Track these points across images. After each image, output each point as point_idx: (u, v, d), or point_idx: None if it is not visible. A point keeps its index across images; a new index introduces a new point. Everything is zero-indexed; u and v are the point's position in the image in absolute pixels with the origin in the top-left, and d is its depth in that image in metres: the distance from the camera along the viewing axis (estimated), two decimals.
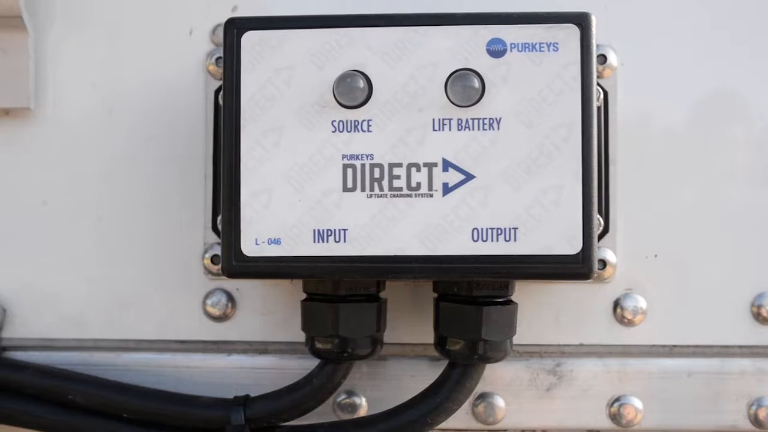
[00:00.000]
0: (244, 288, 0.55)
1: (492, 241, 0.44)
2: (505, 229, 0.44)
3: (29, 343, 0.56)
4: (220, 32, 0.55)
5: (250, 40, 0.45)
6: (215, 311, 0.55)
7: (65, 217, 0.56)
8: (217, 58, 0.55)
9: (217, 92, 0.55)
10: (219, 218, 0.54)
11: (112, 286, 0.56)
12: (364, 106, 0.45)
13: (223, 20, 0.54)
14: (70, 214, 0.56)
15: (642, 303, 0.54)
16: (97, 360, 0.55)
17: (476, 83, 0.44)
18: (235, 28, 0.46)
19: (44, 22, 0.57)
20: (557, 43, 0.45)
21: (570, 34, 0.45)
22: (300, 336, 0.54)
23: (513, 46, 0.45)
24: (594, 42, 0.45)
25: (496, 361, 0.49)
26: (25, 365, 0.53)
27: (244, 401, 0.50)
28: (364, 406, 0.54)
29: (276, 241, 0.45)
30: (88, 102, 0.57)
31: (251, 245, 0.45)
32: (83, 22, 0.57)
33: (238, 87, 0.45)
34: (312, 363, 0.54)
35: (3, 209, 0.57)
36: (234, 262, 0.45)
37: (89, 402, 0.51)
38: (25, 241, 0.56)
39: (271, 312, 0.55)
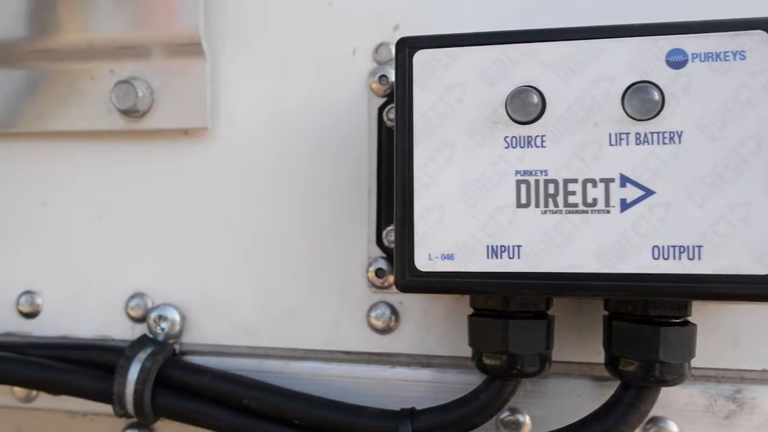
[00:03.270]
0: (407, 301, 0.56)
1: (674, 259, 0.42)
2: (688, 246, 0.42)
3: (205, 349, 0.60)
4: (383, 51, 0.57)
5: (421, 58, 0.46)
6: (379, 324, 0.56)
7: (238, 230, 0.60)
8: (380, 76, 0.56)
9: (380, 109, 0.56)
10: (384, 233, 0.55)
11: (281, 296, 0.59)
12: (538, 122, 0.44)
13: (385, 40, 0.57)
14: (241, 227, 0.60)
15: None
16: (267, 367, 0.58)
17: (656, 96, 0.43)
18: (407, 47, 0.47)
19: (218, 48, 0.60)
20: (744, 51, 0.43)
21: (759, 41, 0.42)
22: (462, 350, 0.55)
23: (695, 56, 0.43)
24: None
25: (673, 384, 0.47)
26: (205, 369, 0.56)
27: (410, 414, 0.51)
28: (528, 424, 0.53)
29: (449, 257, 0.45)
30: (258, 121, 0.60)
31: (425, 260, 0.45)
32: (252, 46, 0.60)
33: (410, 105, 0.46)
34: (474, 378, 0.54)
35: (184, 223, 0.60)
36: (408, 277, 0.46)
37: (263, 407, 0.54)
38: (202, 253, 0.60)
39: (433, 326, 0.56)
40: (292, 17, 0.59)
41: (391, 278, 0.56)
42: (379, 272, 0.56)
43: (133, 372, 0.55)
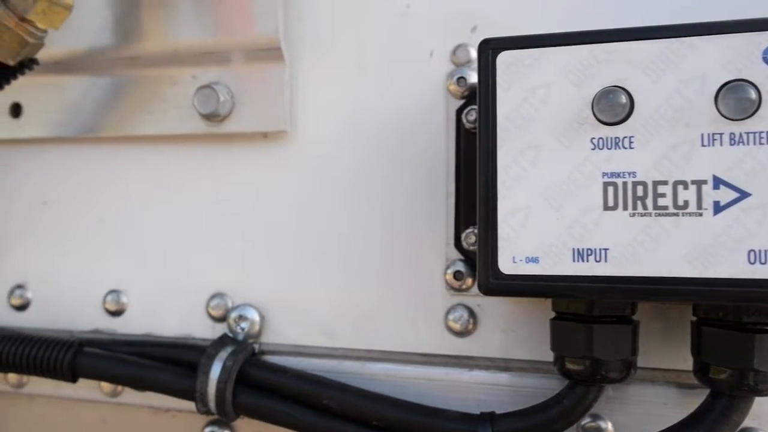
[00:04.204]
0: (486, 304, 0.56)
1: None
2: None
3: (283, 349, 0.61)
4: (461, 53, 0.57)
5: (505, 59, 0.46)
6: (457, 326, 0.56)
7: (316, 231, 0.60)
8: (458, 78, 0.56)
9: (458, 111, 0.56)
10: (463, 235, 0.55)
11: (358, 298, 0.59)
12: (626, 123, 0.43)
13: (463, 41, 0.57)
14: (319, 228, 0.60)
15: None
16: (345, 368, 0.58)
17: (752, 94, 0.41)
18: (490, 49, 0.46)
19: (296, 52, 0.61)
20: None
21: None
22: (541, 354, 0.54)
23: None
24: None
25: None
26: (285, 369, 0.57)
27: (491, 417, 0.50)
28: (610, 431, 0.52)
29: (534, 260, 0.44)
30: (336, 123, 0.60)
31: (509, 263, 0.45)
32: (329, 50, 0.61)
33: (493, 107, 0.46)
34: (553, 383, 0.53)
35: (263, 224, 0.62)
36: (491, 280, 0.45)
37: (341, 408, 0.54)
38: (281, 254, 0.61)
39: (512, 329, 0.55)
40: (369, 20, 0.60)
41: (469, 281, 0.56)
42: (457, 275, 0.56)
43: (215, 370, 0.56)
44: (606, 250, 0.43)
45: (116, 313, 0.65)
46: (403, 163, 0.58)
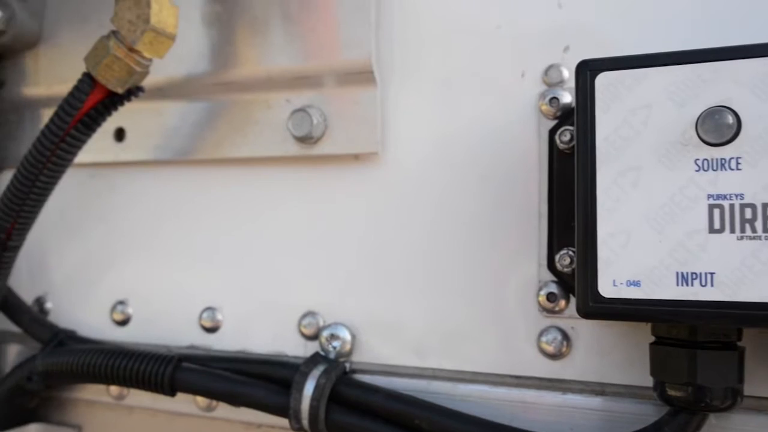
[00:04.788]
0: (580, 326, 0.55)
1: None
2: None
3: (374, 368, 0.61)
4: (553, 73, 0.56)
5: (604, 80, 0.46)
6: (550, 349, 0.55)
7: (407, 251, 0.61)
8: (551, 99, 0.56)
9: (551, 132, 0.56)
10: (557, 257, 0.54)
11: (449, 318, 0.59)
12: (732, 143, 0.42)
13: (555, 61, 0.56)
14: (410, 248, 0.61)
15: None
16: (435, 388, 0.58)
17: None
18: (588, 70, 0.46)
19: (387, 74, 0.62)
20: None
21: None
22: (639, 379, 0.53)
23: None
24: None
25: None
26: (377, 389, 0.57)
27: None
28: None
29: (635, 283, 0.44)
30: (426, 144, 0.61)
31: (609, 286, 0.44)
32: (420, 71, 0.61)
33: (592, 128, 0.45)
34: (651, 409, 0.52)
35: (355, 243, 0.63)
36: (591, 303, 0.45)
37: (433, 428, 0.54)
38: (372, 273, 0.62)
39: (607, 353, 0.54)
40: (459, 42, 0.60)
41: (562, 303, 0.55)
42: (550, 296, 0.55)
43: (309, 388, 0.57)
44: (712, 274, 0.42)
45: (211, 330, 0.67)
46: (493, 184, 0.58)
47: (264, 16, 0.65)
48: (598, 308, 0.44)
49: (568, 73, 0.56)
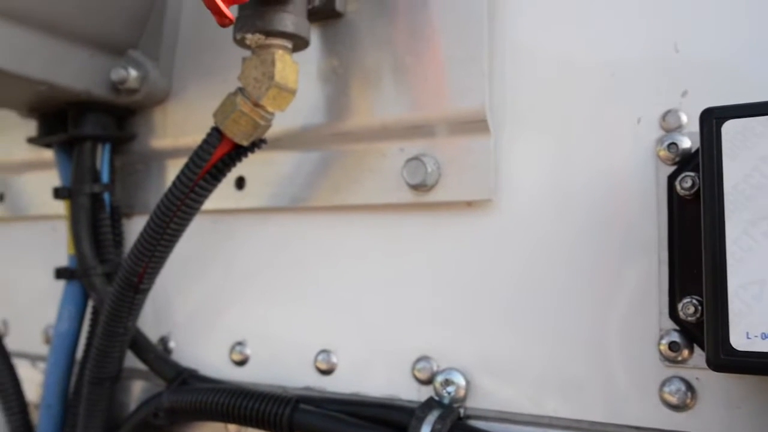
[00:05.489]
0: (706, 378, 0.53)
1: None
2: None
3: (489, 414, 0.61)
4: (671, 118, 0.56)
5: (730, 128, 0.45)
6: (673, 400, 0.54)
7: (522, 298, 0.61)
8: (669, 144, 0.55)
9: (670, 177, 0.55)
10: (679, 305, 0.53)
11: (566, 365, 0.59)
12: None
13: (673, 107, 0.56)
14: (525, 295, 0.61)
15: None
16: None
17: None
18: (714, 118, 0.46)
19: (500, 122, 0.63)
20: None
21: None
22: None
23: None
24: None
25: None
26: None
27: None
28: None
29: None
30: (540, 191, 0.61)
31: (742, 339, 0.43)
32: (533, 119, 0.62)
33: (719, 177, 0.45)
34: None
35: (469, 289, 0.63)
36: (723, 356, 0.44)
37: None
38: (486, 319, 0.62)
39: (736, 405, 0.52)
40: (572, 88, 0.61)
41: (686, 352, 0.54)
42: (672, 345, 0.54)
43: None
44: None
45: (326, 372, 0.69)
46: (610, 230, 0.58)
47: (377, 68, 0.67)
48: (730, 361, 0.43)
49: (686, 118, 0.56)
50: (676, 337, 0.54)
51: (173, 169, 0.81)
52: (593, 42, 0.60)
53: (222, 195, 0.75)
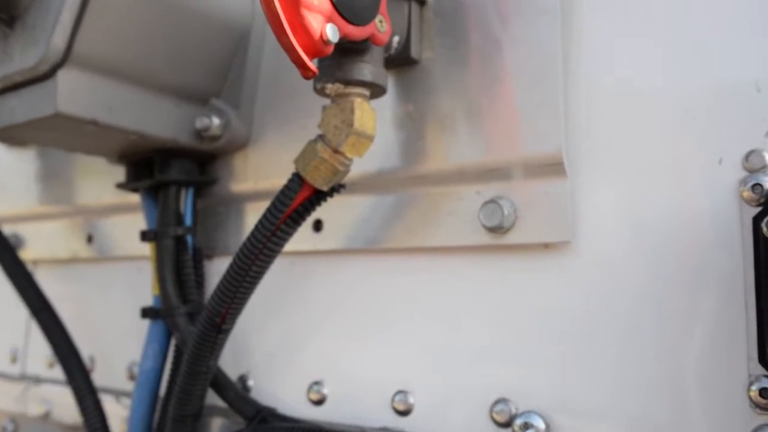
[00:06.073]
0: None
1: None
2: None
3: None
4: (754, 158, 0.56)
5: None
6: None
7: (601, 341, 0.60)
8: (753, 185, 0.55)
9: (755, 219, 0.54)
10: None
11: (650, 412, 0.58)
12: None
13: (756, 147, 0.56)
14: (605, 338, 0.60)
15: None
16: None
17: None
18: None
19: (575, 162, 0.63)
20: None
21: None
22: None
23: None
24: None
25: None
26: None
27: None
28: None
29: None
30: (619, 233, 0.61)
31: None
32: (610, 160, 0.62)
33: None
34: None
35: (547, 331, 0.63)
36: None
37: None
38: (566, 361, 0.62)
39: None
40: (649, 129, 0.60)
41: None
42: (763, 392, 0.53)
43: None
44: None
45: (404, 413, 0.70)
46: (693, 274, 0.57)
47: (452, 112, 0.69)
48: None
49: None
50: (766, 383, 0.52)
51: (253, 212, 0.84)
52: (670, 81, 0.60)
53: (300, 237, 0.76)
